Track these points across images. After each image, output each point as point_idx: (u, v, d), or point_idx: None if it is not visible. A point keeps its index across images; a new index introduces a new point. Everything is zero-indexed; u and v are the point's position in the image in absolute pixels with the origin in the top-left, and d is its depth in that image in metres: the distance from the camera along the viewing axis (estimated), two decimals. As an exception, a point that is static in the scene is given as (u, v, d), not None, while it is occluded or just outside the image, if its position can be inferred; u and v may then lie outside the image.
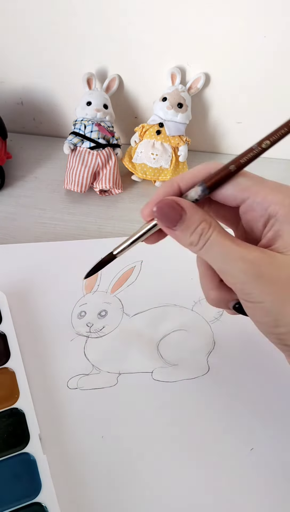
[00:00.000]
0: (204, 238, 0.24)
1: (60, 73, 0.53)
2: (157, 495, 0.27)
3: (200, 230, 0.24)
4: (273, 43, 0.46)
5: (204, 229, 0.24)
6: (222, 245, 0.24)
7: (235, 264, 0.23)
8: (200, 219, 0.24)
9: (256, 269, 0.23)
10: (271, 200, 0.24)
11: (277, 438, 0.29)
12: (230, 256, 0.24)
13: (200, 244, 0.24)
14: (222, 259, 0.24)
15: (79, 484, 0.27)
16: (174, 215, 0.25)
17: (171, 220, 0.25)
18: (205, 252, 0.25)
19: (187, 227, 0.25)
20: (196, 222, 0.24)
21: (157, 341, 0.35)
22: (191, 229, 0.24)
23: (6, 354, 0.32)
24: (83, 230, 0.45)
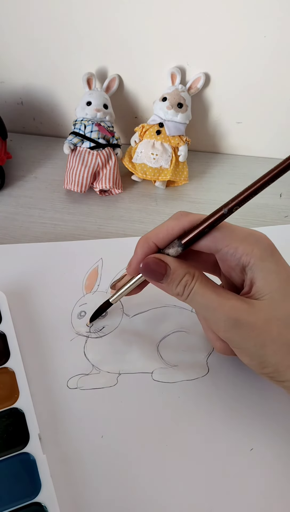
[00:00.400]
0: (188, 289, 0.26)
1: (60, 73, 0.53)
2: (157, 495, 0.27)
3: (184, 282, 0.27)
4: (273, 43, 0.46)
5: (188, 281, 0.26)
6: (203, 296, 0.26)
7: (215, 314, 0.26)
8: (184, 272, 0.27)
9: (234, 318, 0.25)
10: (242, 251, 0.26)
11: (277, 438, 0.29)
12: (210, 306, 0.26)
13: (185, 294, 0.27)
14: (204, 309, 0.26)
15: (79, 484, 0.27)
16: (159, 270, 0.27)
17: (157, 275, 0.27)
18: (190, 301, 0.27)
19: (173, 280, 0.27)
20: (180, 275, 0.27)
21: (157, 342, 0.35)
22: (176, 282, 0.27)
23: (5, 354, 0.32)
24: (83, 230, 0.46)
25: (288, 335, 0.25)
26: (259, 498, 0.27)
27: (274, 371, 0.25)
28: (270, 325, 0.25)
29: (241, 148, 0.57)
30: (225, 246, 0.26)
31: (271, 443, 0.29)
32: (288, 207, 0.49)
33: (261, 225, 0.46)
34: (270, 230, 0.45)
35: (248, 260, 0.26)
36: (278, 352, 0.25)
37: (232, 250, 0.26)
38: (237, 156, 0.57)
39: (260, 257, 0.25)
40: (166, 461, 0.28)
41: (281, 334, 0.25)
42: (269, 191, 0.52)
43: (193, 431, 0.30)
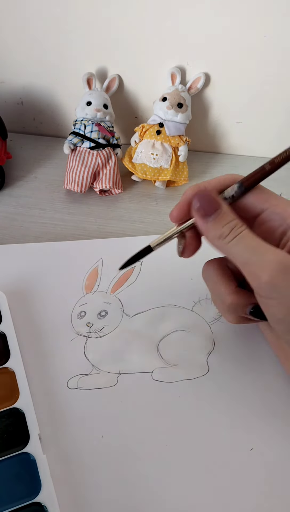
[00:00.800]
0: (235, 232, 0.26)
1: (60, 73, 0.53)
2: (157, 494, 0.27)
3: (233, 224, 0.26)
4: (273, 43, 0.46)
5: (237, 225, 0.26)
6: (253, 239, 0.25)
7: (265, 255, 0.25)
8: (233, 216, 0.26)
9: (285, 263, 0.24)
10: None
11: (277, 438, 0.29)
12: (261, 249, 0.25)
13: (230, 236, 0.26)
14: (252, 251, 0.25)
15: (79, 484, 0.27)
16: (213, 204, 0.26)
17: (208, 209, 0.26)
18: (235, 244, 0.26)
19: (222, 219, 0.26)
20: (230, 217, 0.26)
21: (157, 342, 0.35)
22: (225, 221, 0.26)
23: (6, 354, 0.32)
24: (83, 230, 0.46)
25: None
26: (259, 498, 0.27)
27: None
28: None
29: (241, 148, 0.57)
30: (274, 205, 0.27)
31: (271, 443, 0.29)
32: (288, 207, 0.49)
33: (261, 225, 0.46)
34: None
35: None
36: None
37: (280, 209, 0.26)
38: (237, 156, 0.57)
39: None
40: (166, 461, 0.28)
41: None
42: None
43: (193, 430, 0.30)
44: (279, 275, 0.24)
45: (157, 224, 0.47)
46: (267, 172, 0.27)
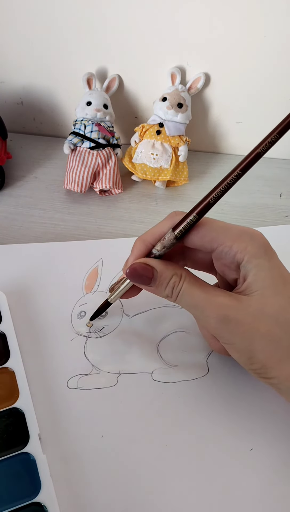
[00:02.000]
0: (177, 290, 0.27)
1: (60, 73, 0.53)
2: (156, 495, 0.27)
3: (172, 284, 0.27)
4: (273, 43, 0.46)
5: (175, 282, 0.27)
6: (192, 296, 0.26)
7: (204, 312, 0.26)
8: (171, 273, 0.27)
9: (222, 314, 0.25)
10: (236, 249, 0.26)
11: (277, 438, 0.29)
12: (199, 305, 0.26)
13: (174, 296, 0.27)
14: (194, 308, 0.27)
15: (79, 484, 0.27)
16: (146, 274, 0.27)
17: (144, 279, 0.27)
18: (179, 302, 0.27)
19: (160, 283, 0.27)
20: (168, 277, 0.27)
21: (157, 342, 0.35)
22: (164, 284, 0.27)
23: (5, 353, 0.32)
24: (83, 230, 0.46)
25: (276, 332, 0.25)
26: (259, 498, 0.27)
27: (262, 367, 0.26)
28: (259, 321, 0.25)
29: (241, 148, 0.57)
30: (220, 245, 0.26)
31: (271, 443, 0.29)
32: (288, 207, 0.50)
33: (261, 225, 0.46)
34: (270, 230, 0.45)
35: (242, 257, 0.26)
36: (266, 349, 0.25)
37: (227, 248, 0.26)
38: (237, 156, 0.57)
39: (253, 254, 0.26)
40: (166, 461, 0.28)
41: (269, 331, 0.25)
42: (269, 191, 0.52)
43: (193, 431, 0.30)
44: (220, 327, 0.25)
45: (157, 224, 0.47)
46: (196, 220, 0.26)
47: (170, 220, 0.28)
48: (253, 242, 0.26)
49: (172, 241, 0.27)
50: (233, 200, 0.49)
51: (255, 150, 0.25)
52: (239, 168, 0.25)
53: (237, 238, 0.26)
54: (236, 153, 0.58)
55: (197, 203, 0.26)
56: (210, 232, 0.27)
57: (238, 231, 0.27)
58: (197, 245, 0.27)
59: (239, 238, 0.26)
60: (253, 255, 0.26)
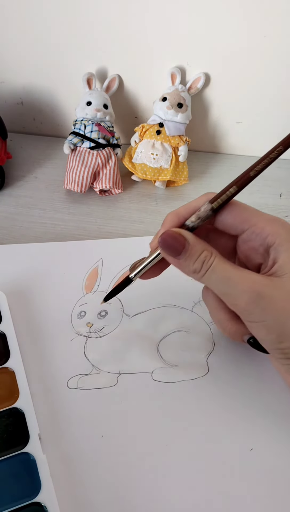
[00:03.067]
0: (207, 265, 0.26)
1: (60, 73, 0.53)
2: (156, 495, 0.27)
3: (203, 257, 0.26)
4: (273, 43, 0.46)
5: (207, 257, 0.26)
6: (224, 270, 0.26)
7: (237, 286, 0.26)
8: (202, 248, 0.27)
9: (256, 290, 0.25)
10: (268, 231, 0.26)
11: (277, 438, 0.29)
12: (232, 280, 0.26)
13: (203, 270, 0.26)
14: (225, 282, 0.26)
15: (79, 484, 0.27)
16: (177, 245, 0.27)
17: (175, 250, 0.27)
18: (208, 277, 0.27)
19: (191, 255, 0.27)
20: (199, 251, 0.26)
21: (157, 342, 0.35)
22: (194, 257, 0.26)
23: (5, 353, 0.32)
24: (83, 230, 0.46)
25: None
26: (259, 498, 0.27)
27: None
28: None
29: (241, 148, 0.57)
30: (252, 226, 0.27)
31: (271, 443, 0.29)
32: (288, 207, 0.49)
33: (261, 225, 0.46)
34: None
35: (274, 240, 0.26)
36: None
37: (259, 230, 0.27)
38: (237, 156, 0.57)
39: (285, 238, 0.26)
40: (166, 461, 0.28)
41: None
42: (269, 191, 0.52)
43: (193, 431, 0.30)
44: (253, 303, 0.25)
45: (157, 224, 0.47)
46: (235, 193, 0.27)
47: (205, 197, 0.28)
48: (284, 227, 0.27)
49: (208, 213, 0.27)
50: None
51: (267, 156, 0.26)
52: (282, 144, 0.26)
53: (269, 222, 0.27)
54: (236, 153, 0.58)
55: (236, 178, 0.27)
56: (244, 212, 0.27)
57: (269, 216, 0.27)
58: (228, 224, 0.27)
59: (272, 222, 0.27)
60: (285, 239, 0.26)
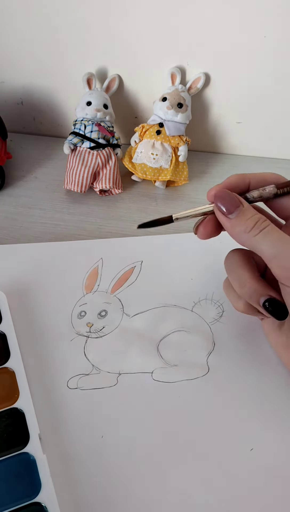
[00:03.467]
0: (260, 226, 0.26)
1: (60, 73, 0.53)
2: (157, 495, 0.27)
3: (256, 218, 0.26)
4: (273, 43, 0.46)
5: (261, 219, 0.26)
6: (279, 233, 0.26)
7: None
8: (255, 212, 0.27)
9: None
10: None
11: (277, 438, 0.29)
12: (287, 240, 0.26)
13: (256, 230, 0.26)
14: (280, 244, 0.26)
15: (79, 484, 0.27)
16: (232, 203, 0.27)
17: (229, 207, 0.27)
18: (261, 238, 0.26)
19: (244, 214, 0.27)
20: (252, 212, 0.27)
21: (157, 342, 0.35)
22: (247, 216, 0.27)
23: (6, 354, 0.32)
24: (83, 230, 0.46)
25: None
26: (259, 498, 0.27)
27: None
28: None
29: (241, 148, 0.57)
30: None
31: (271, 443, 0.29)
32: (288, 207, 0.49)
33: (261, 225, 0.46)
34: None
35: None
36: None
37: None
38: (237, 156, 0.57)
39: None
40: (166, 461, 0.28)
41: None
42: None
43: (193, 431, 0.30)
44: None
45: (157, 224, 0.47)
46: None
47: (275, 176, 0.28)
48: None
49: (271, 195, 0.27)
50: (233, 200, 0.49)
51: None
52: None
53: None
54: (236, 153, 0.58)
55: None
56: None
57: None
58: (283, 205, 0.28)
59: None
60: None
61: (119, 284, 0.39)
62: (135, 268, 0.40)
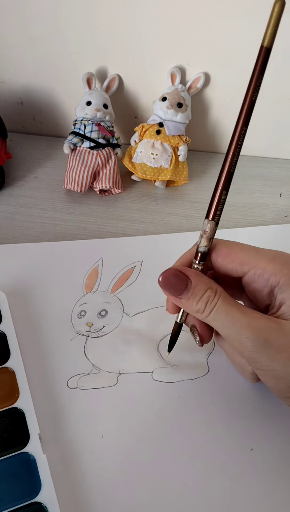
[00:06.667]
0: (210, 306, 0.25)
1: (60, 73, 0.53)
2: (156, 495, 0.27)
3: (205, 298, 0.25)
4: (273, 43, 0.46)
5: (210, 297, 0.25)
6: (228, 313, 0.24)
7: (242, 332, 0.24)
8: (206, 287, 0.25)
9: (263, 337, 0.23)
10: (270, 271, 0.25)
11: (277, 438, 0.29)
12: (236, 325, 0.24)
13: (207, 311, 0.25)
14: (229, 327, 0.24)
15: (79, 484, 0.27)
16: (179, 284, 0.25)
17: (176, 289, 0.25)
18: (212, 319, 0.25)
19: (193, 295, 0.25)
20: (202, 290, 0.25)
21: (157, 341, 0.35)
22: (197, 297, 0.25)
23: (6, 353, 0.32)
24: (83, 230, 0.46)
25: None
26: (259, 498, 0.27)
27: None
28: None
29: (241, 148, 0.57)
30: (253, 267, 0.25)
31: (271, 443, 0.29)
32: (288, 207, 0.49)
33: (261, 225, 0.46)
34: (270, 230, 0.45)
35: (278, 280, 0.25)
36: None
37: (260, 270, 0.25)
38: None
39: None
40: (166, 461, 0.28)
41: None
42: (269, 191, 0.52)
43: (193, 431, 0.30)
44: (259, 351, 0.24)
45: (157, 223, 0.47)
46: (225, 197, 0.26)
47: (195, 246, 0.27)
48: (287, 264, 0.25)
49: (214, 228, 0.25)
50: (233, 199, 0.49)
51: (247, 98, 0.24)
52: (240, 123, 0.24)
53: (270, 260, 0.25)
54: (236, 153, 0.58)
55: (217, 179, 0.25)
56: (242, 254, 0.26)
57: (271, 253, 0.26)
58: (228, 269, 0.26)
59: (273, 260, 0.25)
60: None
61: (119, 283, 0.39)
62: (135, 268, 0.40)
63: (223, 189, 0.25)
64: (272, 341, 0.23)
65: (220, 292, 0.25)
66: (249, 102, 0.23)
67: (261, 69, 0.22)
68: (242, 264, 0.26)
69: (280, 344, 0.23)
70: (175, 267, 0.26)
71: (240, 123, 0.23)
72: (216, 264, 0.27)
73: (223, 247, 0.27)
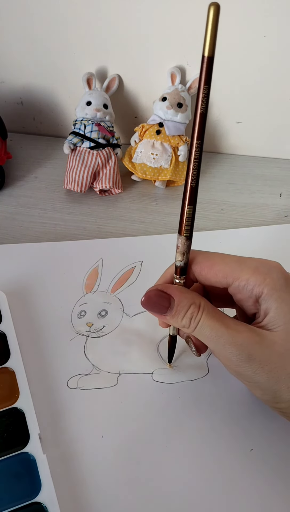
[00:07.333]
0: (195, 322, 0.25)
1: (60, 73, 0.53)
2: (156, 495, 0.27)
3: (189, 314, 0.25)
4: (273, 43, 0.46)
5: (193, 313, 0.25)
6: (212, 328, 0.25)
7: (225, 348, 0.24)
8: (189, 302, 0.25)
9: (246, 352, 0.24)
10: (253, 282, 0.25)
11: (277, 438, 0.29)
12: (220, 340, 0.24)
13: (192, 327, 0.25)
14: (213, 341, 0.25)
15: (79, 484, 0.27)
16: (162, 303, 0.26)
17: (160, 309, 0.26)
18: (198, 334, 0.25)
19: (177, 312, 0.25)
20: (185, 307, 0.25)
21: (157, 342, 0.35)
22: (181, 314, 0.25)
23: (6, 353, 0.32)
24: (83, 230, 0.46)
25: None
26: (259, 499, 0.27)
27: (288, 407, 0.25)
28: (284, 359, 0.24)
29: (241, 148, 0.57)
30: (236, 279, 0.25)
31: (271, 443, 0.29)
32: (288, 207, 0.49)
33: (261, 225, 0.46)
34: (270, 230, 0.45)
35: (261, 291, 0.25)
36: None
37: (244, 282, 0.25)
38: (237, 156, 0.57)
39: (273, 287, 0.24)
40: (166, 461, 0.28)
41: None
42: (269, 191, 0.52)
43: (193, 431, 0.30)
44: (243, 365, 0.24)
45: (157, 223, 0.47)
46: (192, 212, 0.26)
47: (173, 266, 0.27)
48: (271, 273, 0.25)
49: (186, 242, 0.25)
50: (233, 200, 0.49)
51: (197, 111, 0.23)
52: (195, 137, 0.24)
53: (253, 271, 0.25)
54: (236, 153, 0.58)
55: (183, 197, 0.25)
56: (224, 267, 0.26)
57: (255, 263, 0.25)
58: (213, 282, 0.26)
59: (256, 271, 0.25)
60: (273, 287, 0.24)
61: (119, 284, 0.39)
62: (135, 268, 0.40)
63: (188, 204, 0.25)
64: (255, 355, 0.24)
65: (203, 306, 0.25)
66: (200, 115, 0.22)
67: (206, 79, 0.22)
68: (226, 276, 0.26)
69: (263, 358, 0.24)
70: (156, 286, 0.26)
71: (194, 137, 0.23)
72: (200, 278, 0.27)
73: (204, 260, 0.26)
